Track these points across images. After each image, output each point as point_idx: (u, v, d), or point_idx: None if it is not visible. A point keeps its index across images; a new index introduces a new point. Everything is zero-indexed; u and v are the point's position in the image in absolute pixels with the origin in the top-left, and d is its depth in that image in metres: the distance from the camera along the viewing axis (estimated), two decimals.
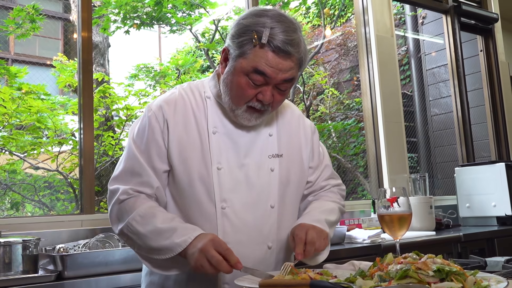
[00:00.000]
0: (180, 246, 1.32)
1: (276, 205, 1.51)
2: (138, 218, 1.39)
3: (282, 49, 1.35)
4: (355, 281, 1.12)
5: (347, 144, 5.76)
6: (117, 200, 1.44)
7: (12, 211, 3.81)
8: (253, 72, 1.37)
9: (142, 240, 1.39)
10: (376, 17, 4.05)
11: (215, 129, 1.49)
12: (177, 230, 1.35)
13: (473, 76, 5.07)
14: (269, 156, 1.52)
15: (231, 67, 1.42)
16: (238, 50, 1.39)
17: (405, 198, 1.44)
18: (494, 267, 1.56)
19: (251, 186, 1.48)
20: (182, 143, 1.46)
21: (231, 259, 1.27)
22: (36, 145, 3.83)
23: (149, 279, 1.55)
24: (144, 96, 4.60)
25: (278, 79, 1.39)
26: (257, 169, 1.50)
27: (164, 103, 1.50)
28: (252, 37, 1.36)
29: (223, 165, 1.46)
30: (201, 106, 1.52)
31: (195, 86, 1.57)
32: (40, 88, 3.89)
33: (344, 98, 6.02)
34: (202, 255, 1.27)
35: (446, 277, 1.04)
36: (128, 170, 1.47)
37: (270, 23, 1.36)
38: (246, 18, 1.41)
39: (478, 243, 3.20)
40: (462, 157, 4.58)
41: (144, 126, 1.49)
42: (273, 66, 1.36)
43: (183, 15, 5.42)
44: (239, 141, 1.51)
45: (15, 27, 3.92)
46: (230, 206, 1.45)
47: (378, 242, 2.72)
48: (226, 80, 1.44)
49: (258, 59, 1.36)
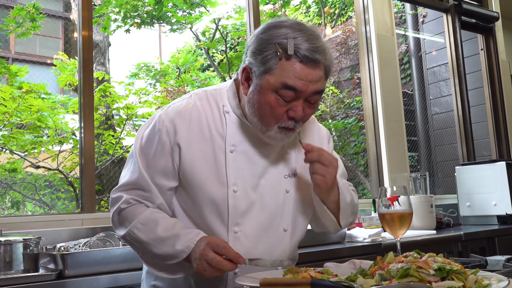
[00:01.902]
0: (184, 252, 1.32)
1: (289, 228, 1.47)
2: (139, 226, 1.37)
3: (310, 57, 1.28)
4: (356, 280, 1.12)
5: (348, 143, 5.76)
6: (118, 208, 1.42)
7: (13, 210, 3.81)
8: (282, 88, 1.29)
9: (145, 247, 1.38)
10: (377, 15, 4.04)
11: (233, 147, 1.41)
12: (180, 237, 1.33)
13: (473, 75, 5.07)
14: (285, 176, 1.47)
15: (257, 86, 1.33)
16: (262, 67, 1.31)
17: (406, 197, 1.44)
18: (494, 266, 1.56)
19: (264, 208, 1.43)
20: (195, 161, 1.39)
21: (231, 255, 1.26)
22: (36, 144, 3.83)
23: (152, 282, 1.52)
24: (144, 95, 4.60)
25: (308, 92, 1.31)
26: (272, 190, 1.44)
27: (178, 116, 1.41)
28: (276, 50, 1.28)
29: (238, 187, 1.40)
30: (219, 121, 1.43)
31: (212, 95, 1.47)
32: (40, 87, 3.88)
33: (344, 97, 6.01)
34: (202, 260, 1.27)
35: (447, 276, 1.04)
36: (132, 183, 1.42)
37: (292, 33, 1.29)
38: (265, 32, 1.33)
39: (479, 242, 3.20)
40: (462, 156, 4.58)
41: (153, 138, 1.41)
42: (303, 78, 1.29)
43: (183, 14, 5.42)
44: (256, 160, 1.44)
45: (16, 26, 3.91)
46: (243, 230, 1.40)
47: (378, 241, 2.72)
48: (253, 100, 1.35)
49: (286, 73, 1.28)
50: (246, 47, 1.39)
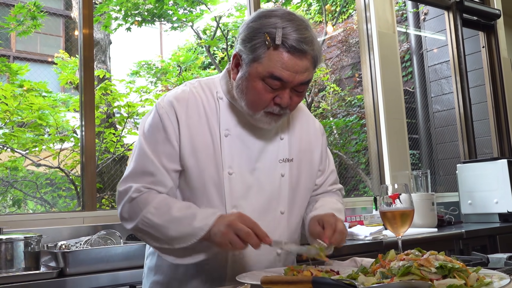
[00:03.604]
0: (202, 229, 1.31)
1: (286, 211, 1.50)
2: (153, 211, 1.36)
3: (297, 48, 1.31)
4: (357, 277, 1.12)
5: (349, 141, 5.75)
6: (129, 198, 1.39)
7: (14, 208, 3.81)
8: (269, 77, 1.33)
9: (160, 231, 1.36)
10: (378, 13, 4.03)
11: (227, 131, 1.45)
12: (197, 215, 1.33)
13: (475, 73, 5.06)
14: (280, 160, 1.50)
15: (245, 73, 1.37)
16: (251, 55, 1.35)
17: (407, 195, 1.44)
18: (496, 263, 1.56)
19: (261, 191, 1.46)
20: (194, 145, 1.42)
21: (259, 232, 1.26)
22: (37, 142, 3.83)
23: (152, 278, 1.53)
24: (145, 93, 4.59)
25: (295, 82, 1.35)
26: (268, 174, 1.48)
27: (175, 101, 1.45)
28: (264, 39, 1.32)
29: (234, 170, 1.43)
30: (213, 106, 1.47)
31: (205, 84, 1.52)
32: (41, 85, 3.89)
33: (345, 95, 6.01)
34: (230, 229, 1.26)
35: (448, 274, 1.04)
36: (139, 169, 1.42)
37: (281, 23, 1.32)
38: (255, 21, 1.36)
39: (480, 240, 3.20)
40: (464, 154, 4.57)
41: (156, 124, 1.44)
42: (290, 69, 1.32)
43: (184, 12, 5.42)
44: (251, 145, 1.47)
45: (16, 24, 3.91)
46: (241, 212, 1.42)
47: (380, 239, 2.72)
48: (241, 86, 1.40)
49: (273, 63, 1.32)
50: (238, 34, 1.42)
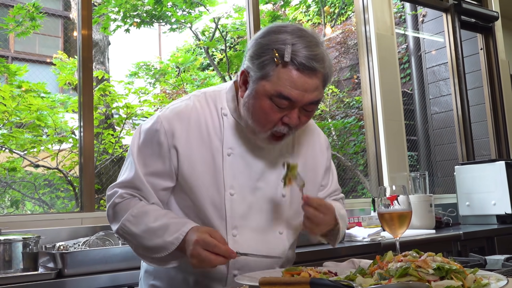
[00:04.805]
0: (173, 244, 1.31)
1: (284, 231, 1.48)
2: (131, 218, 1.37)
3: (306, 65, 1.26)
4: (355, 279, 1.12)
5: (347, 143, 5.76)
6: (113, 203, 1.42)
7: (12, 209, 3.81)
8: (277, 96, 1.28)
9: (136, 240, 1.37)
10: (377, 15, 4.04)
11: (231, 150, 1.41)
12: (169, 227, 1.33)
13: (473, 75, 5.07)
14: (282, 180, 1.46)
15: (252, 90, 1.32)
16: (259, 72, 1.30)
17: (405, 197, 1.44)
18: (493, 265, 1.56)
19: (261, 211, 1.44)
20: (194, 163, 1.39)
21: (222, 252, 1.25)
22: (36, 143, 3.82)
23: (151, 282, 1.51)
24: (144, 94, 4.59)
25: (304, 102, 1.30)
26: (269, 194, 1.45)
27: (176, 118, 1.40)
28: (273, 56, 1.27)
29: (236, 190, 1.40)
30: (217, 123, 1.43)
31: (211, 97, 1.47)
32: (40, 86, 3.88)
33: (344, 96, 6.01)
34: (198, 245, 1.25)
35: (446, 275, 1.04)
36: (127, 181, 1.42)
37: (290, 39, 1.27)
38: (264, 37, 1.32)
39: (478, 242, 3.20)
40: (462, 156, 4.58)
41: (151, 138, 1.41)
42: (299, 88, 1.27)
43: (183, 13, 5.42)
44: (254, 164, 1.43)
45: (15, 25, 3.91)
46: (241, 233, 1.41)
47: (378, 240, 2.73)
48: (248, 104, 1.34)
49: (282, 81, 1.27)
50: (246, 50, 1.38)
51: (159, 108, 5.08)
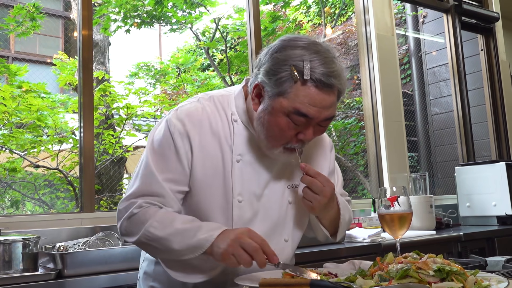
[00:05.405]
0: (207, 240, 1.24)
1: (289, 238, 1.47)
2: (155, 224, 1.30)
3: (325, 82, 1.25)
4: (355, 280, 1.12)
5: (348, 143, 5.76)
6: (130, 213, 1.33)
7: (12, 209, 3.81)
8: (294, 113, 1.27)
9: (163, 245, 1.30)
10: (377, 16, 4.04)
11: (240, 157, 1.39)
12: (202, 227, 1.28)
13: (473, 75, 5.07)
14: (288, 186, 1.46)
15: (268, 106, 1.30)
16: (276, 88, 1.28)
17: (406, 197, 1.44)
18: (494, 266, 1.56)
19: (267, 218, 1.42)
20: (205, 167, 1.37)
21: (267, 250, 1.21)
22: (36, 143, 3.83)
23: (150, 283, 1.50)
24: (144, 95, 4.60)
25: (321, 118, 1.29)
26: (275, 201, 1.44)
27: (189, 120, 1.37)
28: (291, 73, 1.25)
29: (243, 197, 1.38)
30: (227, 129, 1.41)
31: (219, 101, 1.44)
32: (40, 86, 3.89)
33: (344, 97, 6.01)
34: (236, 242, 1.21)
35: (446, 277, 1.04)
36: (145, 189, 1.35)
37: (308, 56, 1.26)
38: (280, 52, 1.29)
39: (478, 243, 3.20)
40: (462, 157, 4.58)
41: (167, 143, 1.37)
42: (317, 105, 1.26)
43: (183, 13, 5.43)
44: (262, 171, 1.42)
45: (16, 25, 3.91)
46: None
47: (378, 241, 2.72)
48: (262, 119, 1.32)
49: (300, 98, 1.26)
50: (259, 62, 1.35)
51: (159, 108, 5.09)
